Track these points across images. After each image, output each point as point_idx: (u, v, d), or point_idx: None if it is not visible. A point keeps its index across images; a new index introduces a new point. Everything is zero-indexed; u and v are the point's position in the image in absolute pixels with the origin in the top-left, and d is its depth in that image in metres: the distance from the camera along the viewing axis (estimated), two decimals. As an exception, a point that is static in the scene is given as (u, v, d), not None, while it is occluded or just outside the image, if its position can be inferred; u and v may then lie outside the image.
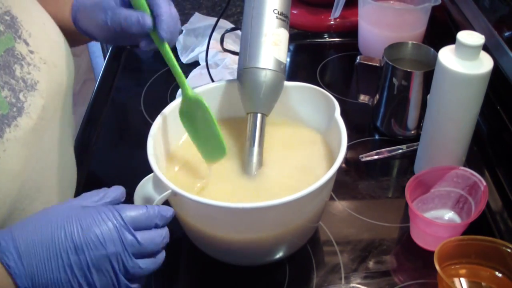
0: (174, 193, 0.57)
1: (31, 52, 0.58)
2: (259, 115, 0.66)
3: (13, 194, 0.53)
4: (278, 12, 0.67)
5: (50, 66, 0.60)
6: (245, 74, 0.66)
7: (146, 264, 0.50)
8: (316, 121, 0.72)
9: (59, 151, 0.64)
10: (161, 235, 0.52)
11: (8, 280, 0.45)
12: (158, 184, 0.58)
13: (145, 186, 0.58)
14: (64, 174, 0.67)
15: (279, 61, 0.66)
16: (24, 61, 0.56)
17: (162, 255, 0.53)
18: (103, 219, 0.48)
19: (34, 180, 0.57)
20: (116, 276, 0.48)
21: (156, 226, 0.52)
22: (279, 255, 0.66)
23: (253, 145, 0.66)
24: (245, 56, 0.67)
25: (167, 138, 0.69)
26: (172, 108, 0.69)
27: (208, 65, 0.97)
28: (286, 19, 0.68)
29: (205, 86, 0.72)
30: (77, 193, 0.72)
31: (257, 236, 0.61)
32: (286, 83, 0.71)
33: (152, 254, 0.51)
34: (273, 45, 0.66)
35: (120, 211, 0.49)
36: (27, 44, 0.57)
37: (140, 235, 0.49)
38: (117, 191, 0.54)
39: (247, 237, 0.61)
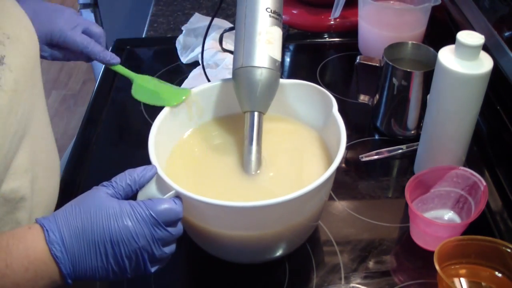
0: (178, 194, 0.57)
1: None
2: (256, 114, 0.66)
3: None
4: (271, 10, 0.67)
5: (13, 40, 0.60)
6: (240, 73, 0.66)
7: (171, 249, 0.57)
8: (313, 118, 0.73)
9: (34, 121, 0.64)
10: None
11: (54, 267, 0.51)
12: (162, 185, 0.58)
13: (148, 188, 0.58)
14: (42, 146, 0.67)
15: (274, 59, 0.66)
16: None
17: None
18: (136, 217, 0.53)
19: (12, 151, 0.59)
20: (144, 262, 0.54)
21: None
22: (279, 253, 0.66)
23: (252, 144, 0.66)
24: (240, 55, 0.67)
25: (167, 138, 0.69)
26: (171, 108, 0.69)
27: (209, 65, 0.97)
28: (279, 18, 0.68)
29: (201, 86, 0.72)
30: (76, 191, 0.72)
31: (258, 234, 0.61)
32: (283, 80, 0.71)
33: (175, 240, 0.58)
34: (267, 44, 0.66)
35: (151, 209, 0.54)
36: None
37: (172, 229, 0.55)
38: (146, 174, 0.58)
39: (248, 235, 0.61)
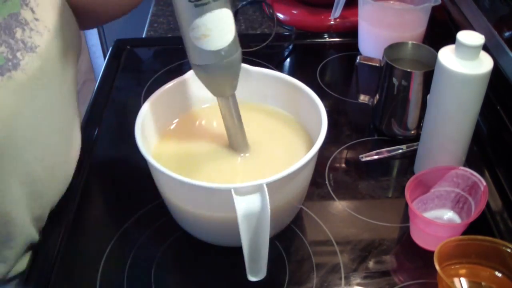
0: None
1: (36, 19, 0.61)
2: (224, 98, 0.65)
3: (1, 139, 0.57)
4: None
5: (52, 32, 0.63)
6: (194, 69, 0.64)
7: None
8: (285, 102, 0.74)
9: (58, 114, 0.67)
10: None
11: None
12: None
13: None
14: (63, 137, 0.69)
15: (216, 51, 0.59)
16: (27, 26, 0.60)
17: None
18: None
19: (25, 131, 0.60)
20: None
21: None
22: None
23: (234, 125, 0.67)
24: (186, 50, 0.61)
25: (153, 127, 0.71)
26: (158, 95, 0.71)
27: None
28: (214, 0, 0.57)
29: (184, 76, 0.73)
30: (76, 191, 0.72)
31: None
32: (250, 68, 0.72)
33: None
34: (202, 39, 0.58)
35: None
36: (33, 12, 0.61)
37: None
38: None
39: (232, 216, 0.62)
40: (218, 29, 0.58)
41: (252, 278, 0.58)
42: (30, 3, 0.61)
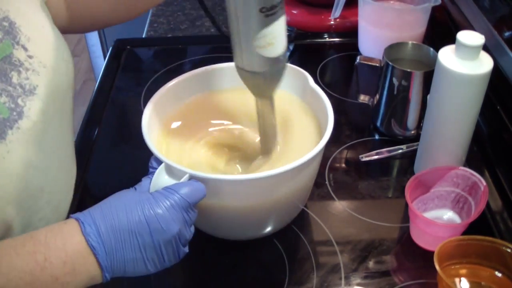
0: (192, 176, 0.57)
1: (30, 57, 0.58)
2: (265, 98, 0.65)
3: (18, 194, 0.55)
4: (266, 9, 0.55)
5: (49, 69, 0.60)
6: (242, 73, 0.63)
7: (193, 229, 0.57)
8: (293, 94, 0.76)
9: (60, 151, 0.65)
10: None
11: (92, 260, 0.51)
12: (172, 172, 0.58)
13: (160, 179, 0.58)
14: (65, 172, 0.68)
15: (275, 57, 0.60)
16: (22, 67, 0.57)
17: None
18: (171, 203, 0.53)
19: (38, 180, 0.58)
20: (178, 247, 0.54)
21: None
22: (268, 229, 0.69)
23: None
24: (239, 56, 0.61)
25: (158, 123, 0.73)
26: (161, 94, 0.72)
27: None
28: (278, 8, 0.56)
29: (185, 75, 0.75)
30: (76, 192, 0.72)
31: (247, 205, 0.64)
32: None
33: None
34: (266, 47, 0.58)
35: (182, 193, 0.54)
36: (25, 49, 0.58)
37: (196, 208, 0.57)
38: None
39: (239, 206, 0.64)
40: (281, 36, 0.59)
41: None
42: (21, 40, 0.57)
